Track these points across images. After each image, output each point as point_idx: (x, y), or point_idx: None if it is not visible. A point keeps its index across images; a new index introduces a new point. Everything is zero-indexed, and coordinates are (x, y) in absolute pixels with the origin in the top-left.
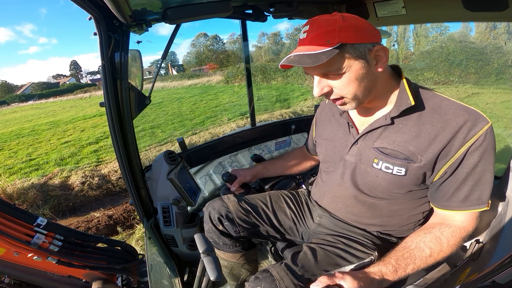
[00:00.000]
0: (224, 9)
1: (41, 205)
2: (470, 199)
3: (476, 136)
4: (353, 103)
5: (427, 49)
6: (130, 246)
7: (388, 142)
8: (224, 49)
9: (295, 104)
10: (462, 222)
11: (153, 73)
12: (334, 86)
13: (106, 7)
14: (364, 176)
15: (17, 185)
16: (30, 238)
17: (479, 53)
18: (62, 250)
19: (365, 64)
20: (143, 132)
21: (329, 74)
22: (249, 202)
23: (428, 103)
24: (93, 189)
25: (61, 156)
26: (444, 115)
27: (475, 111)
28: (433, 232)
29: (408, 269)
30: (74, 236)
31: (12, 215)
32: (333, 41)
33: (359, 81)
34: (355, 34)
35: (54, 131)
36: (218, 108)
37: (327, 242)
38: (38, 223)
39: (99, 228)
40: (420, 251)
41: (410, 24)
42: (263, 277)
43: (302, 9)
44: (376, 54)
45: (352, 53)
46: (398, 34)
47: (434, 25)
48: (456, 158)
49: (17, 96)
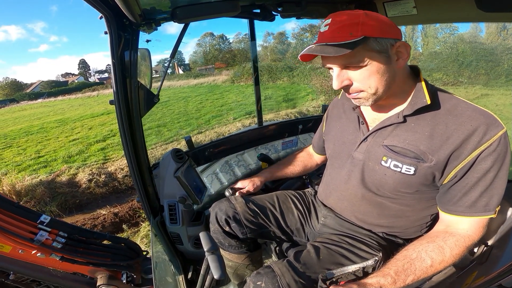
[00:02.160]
0: (232, 9)
1: (49, 202)
2: (477, 205)
3: (491, 141)
4: (372, 98)
5: (435, 50)
6: (134, 243)
7: (399, 140)
8: (230, 49)
9: (301, 104)
10: (466, 230)
11: (160, 72)
12: (354, 79)
13: (117, 6)
14: (371, 174)
15: (25, 181)
16: (33, 236)
17: (489, 54)
18: (66, 247)
19: (386, 58)
20: (150, 131)
21: (350, 66)
22: (256, 203)
23: (445, 104)
24: (100, 186)
25: (69, 153)
26: (459, 117)
27: (492, 115)
28: (436, 241)
29: (408, 280)
30: (78, 233)
31: (17, 213)
32: (356, 34)
33: (381, 75)
34: (379, 28)
35: (62, 129)
36: (224, 108)
37: (331, 241)
38: (41, 221)
39: (105, 226)
40: (421, 262)
41: (421, 24)
42: (264, 273)
43: (310, 8)
44: (397, 50)
45: (374, 47)
46: (406, 34)
47: (444, 26)
48: (467, 161)
49: (27, 94)
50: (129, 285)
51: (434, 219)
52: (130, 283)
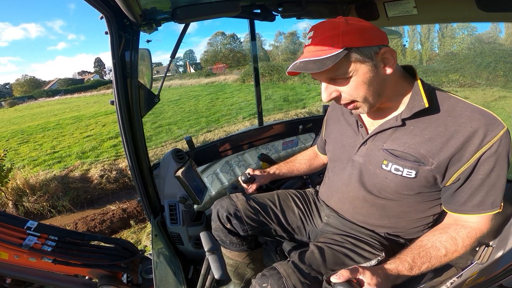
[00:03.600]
0: (232, 9)
1: (61, 196)
2: (485, 204)
3: (492, 142)
4: (365, 106)
5: (452, 50)
6: (128, 242)
7: (398, 144)
8: (241, 48)
9: (311, 104)
10: (477, 223)
11: (161, 71)
12: (342, 91)
13: (117, 7)
14: (372, 178)
15: (40, 176)
16: (22, 241)
17: (508, 55)
18: (56, 250)
19: (372, 67)
20: (160, 128)
21: (336, 78)
22: (257, 201)
23: (443, 105)
24: (111, 182)
25: (82, 149)
26: (458, 118)
27: (491, 115)
28: (448, 232)
29: (423, 268)
30: (68, 236)
31: (3, 221)
32: (338, 45)
33: (368, 85)
34: (360, 37)
35: (77, 125)
36: (234, 107)
37: (334, 241)
38: (28, 226)
39: (113, 221)
40: (436, 250)
41: (421, 24)
42: (270, 274)
43: (310, 9)
44: (383, 56)
45: (358, 57)
46: (421, 34)
47: (461, 26)
48: (470, 164)
49: (44, 91)
50: (129, 285)
51: (436, 219)
52: (131, 283)
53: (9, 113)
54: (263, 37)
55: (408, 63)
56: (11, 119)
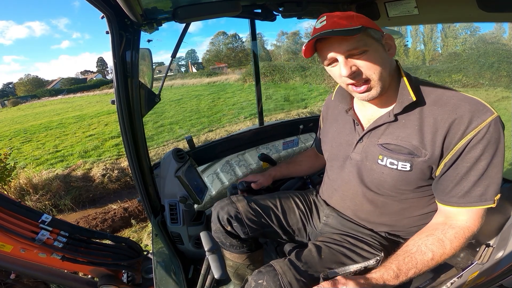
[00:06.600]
0: (233, 8)
1: (63, 195)
2: (472, 195)
3: (478, 128)
4: (378, 87)
5: (455, 51)
6: (135, 242)
7: (392, 138)
8: (243, 48)
9: (312, 104)
10: (466, 221)
11: (162, 71)
12: (360, 66)
13: (118, 6)
14: (370, 174)
15: (43, 175)
16: (35, 235)
17: None
18: (67, 247)
19: (383, 47)
20: (162, 128)
21: (354, 54)
22: (258, 203)
23: (430, 96)
24: (113, 181)
25: (85, 148)
26: (445, 107)
27: (479, 101)
28: (435, 234)
29: (409, 274)
30: (79, 233)
31: (18, 213)
32: (355, 23)
33: (383, 62)
34: (370, 22)
35: (80, 125)
36: (235, 106)
37: (333, 240)
38: (43, 220)
39: (115, 220)
40: (422, 255)
41: (422, 24)
42: (266, 271)
43: (311, 8)
44: (386, 41)
45: (373, 35)
46: (424, 34)
47: (463, 26)
48: (455, 151)
49: (47, 90)
50: (129, 285)
51: None
52: (131, 283)
53: (12, 112)
54: (265, 37)
55: (411, 63)
56: (14, 118)
